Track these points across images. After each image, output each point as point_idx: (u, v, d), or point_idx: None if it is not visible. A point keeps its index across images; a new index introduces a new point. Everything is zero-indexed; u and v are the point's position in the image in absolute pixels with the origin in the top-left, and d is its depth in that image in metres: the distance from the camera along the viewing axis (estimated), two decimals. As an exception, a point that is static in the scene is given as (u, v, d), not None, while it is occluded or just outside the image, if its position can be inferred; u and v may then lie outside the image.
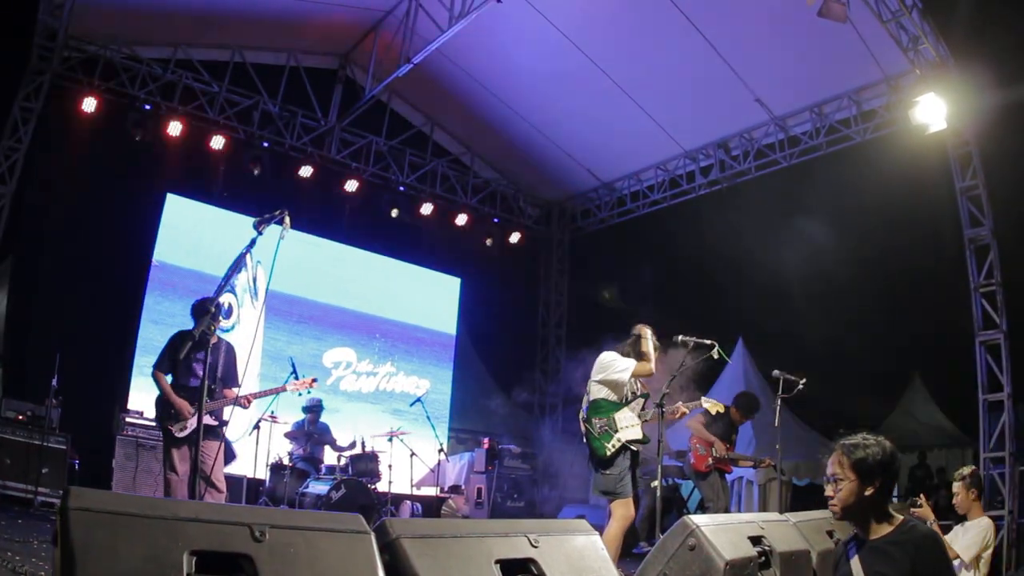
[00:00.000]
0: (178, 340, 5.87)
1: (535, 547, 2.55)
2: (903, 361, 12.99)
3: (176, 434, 5.65)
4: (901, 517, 2.86)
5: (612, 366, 5.47)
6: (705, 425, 7.48)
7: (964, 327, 9.06)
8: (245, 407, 5.92)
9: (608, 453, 5.30)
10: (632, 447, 5.38)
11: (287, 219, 3.92)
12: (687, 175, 12.34)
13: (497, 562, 2.38)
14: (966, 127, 8.76)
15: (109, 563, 1.78)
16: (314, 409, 9.28)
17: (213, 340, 5.89)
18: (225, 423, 5.83)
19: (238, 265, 3.96)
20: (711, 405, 6.08)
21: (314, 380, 6.47)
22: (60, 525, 1.81)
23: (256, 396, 6.05)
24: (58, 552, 1.81)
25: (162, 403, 5.78)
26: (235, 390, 5.89)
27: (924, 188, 9.64)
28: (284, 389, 6.25)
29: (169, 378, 5.83)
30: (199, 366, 5.69)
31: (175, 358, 5.77)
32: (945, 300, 10.45)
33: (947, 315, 10.52)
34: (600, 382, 5.51)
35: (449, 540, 2.32)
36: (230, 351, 6.08)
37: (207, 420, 5.59)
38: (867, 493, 2.81)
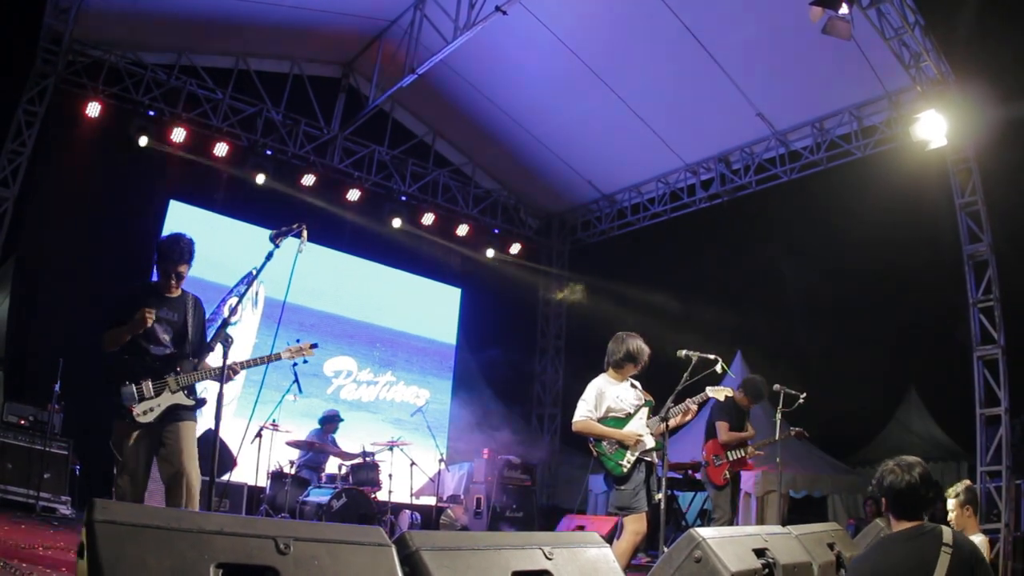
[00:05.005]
0: (138, 292, 4.55)
1: (549, 559, 2.58)
2: (900, 374, 13.02)
3: (139, 418, 4.21)
4: (892, 530, 3.28)
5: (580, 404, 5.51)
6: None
7: (961, 341, 9.12)
8: (231, 378, 4.35)
9: (624, 470, 5.32)
10: (646, 458, 5.40)
11: (304, 232, 3.92)
12: (688, 188, 12.39)
13: (514, 574, 2.41)
14: (966, 144, 8.85)
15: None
16: (333, 420, 9.43)
17: (174, 292, 4.60)
18: (202, 402, 4.53)
19: (249, 281, 3.92)
20: (716, 392, 6.01)
21: (314, 345, 5.15)
22: (87, 538, 1.81)
23: (245, 366, 4.62)
24: (85, 564, 1.82)
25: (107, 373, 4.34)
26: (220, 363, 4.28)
27: (924, 204, 9.71)
28: (279, 357, 4.86)
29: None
30: (162, 327, 4.46)
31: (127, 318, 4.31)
32: (943, 314, 10.52)
33: (944, 329, 10.58)
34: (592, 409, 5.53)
35: (467, 552, 2.35)
36: (198, 306, 4.69)
37: (179, 399, 4.37)
38: (882, 509, 3.36)
